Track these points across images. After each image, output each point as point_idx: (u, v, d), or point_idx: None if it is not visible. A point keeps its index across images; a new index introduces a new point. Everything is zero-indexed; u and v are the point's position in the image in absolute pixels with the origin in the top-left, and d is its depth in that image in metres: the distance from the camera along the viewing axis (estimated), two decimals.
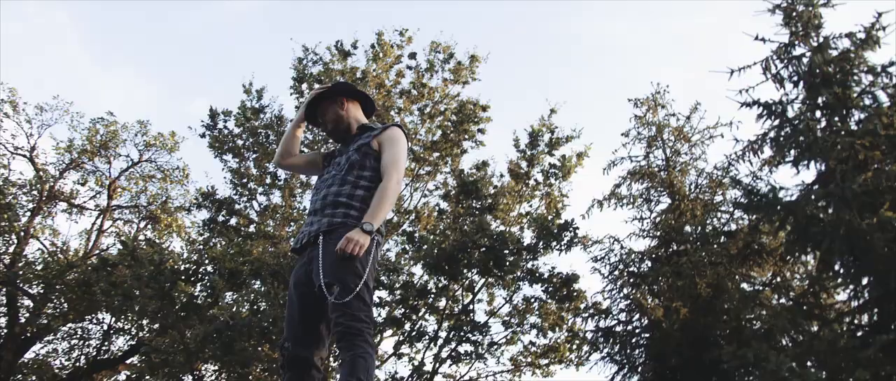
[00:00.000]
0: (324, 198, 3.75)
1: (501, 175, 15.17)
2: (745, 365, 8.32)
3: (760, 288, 10.94)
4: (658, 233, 12.58)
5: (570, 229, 12.83)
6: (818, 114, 11.13)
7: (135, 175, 18.00)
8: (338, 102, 4.04)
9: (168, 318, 9.67)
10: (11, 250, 15.95)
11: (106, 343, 16.06)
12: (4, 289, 15.67)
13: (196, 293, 9.85)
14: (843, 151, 9.86)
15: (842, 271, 9.52)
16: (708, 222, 12.23)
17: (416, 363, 12.95)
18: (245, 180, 14.79)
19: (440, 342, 13.44)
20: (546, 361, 13.89)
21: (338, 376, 3.39)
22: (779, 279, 10.75)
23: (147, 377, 10.86)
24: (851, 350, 8.25)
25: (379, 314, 12.78)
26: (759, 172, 11.31)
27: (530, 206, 15.02)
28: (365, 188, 3.70)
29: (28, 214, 16.69)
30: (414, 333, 12.69)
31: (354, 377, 3.26)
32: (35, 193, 17.01)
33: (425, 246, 12.31)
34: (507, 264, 11.85)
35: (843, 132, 10.16)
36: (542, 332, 13.24)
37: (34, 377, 16.44)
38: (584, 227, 21.26)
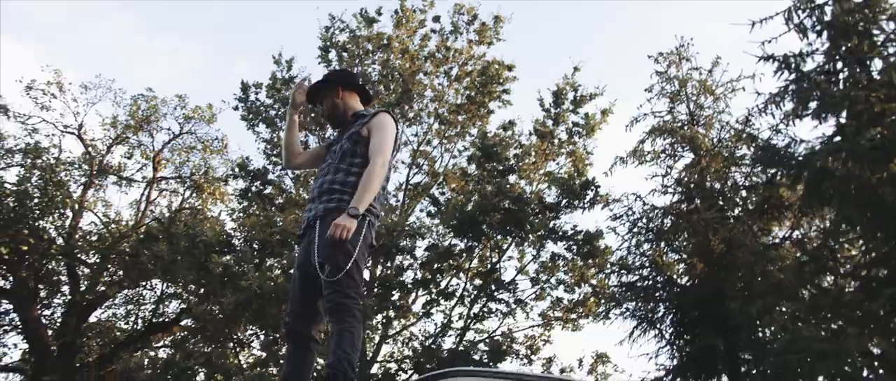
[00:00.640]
0: (320, 186, 4.12)
1: (529, 134, 15.41)
2: (750, 322, 8.53)
3: (778, 242, 11.01)
4: (680, 189, 12.66)
5: (592, 187, 13.01)
6: (840, 65, 10.99)
7: (177, 147, 18.80)
8: (334, 91, 4.31)
9: (205, 287, 10.38)
10: (68, 223, 16.95)
11: (159, 307, 17.08)
12: (64, 260, 16.73)
13: (230, 263, 10.50)
14: (858, 103, 9.77)
15: (856, 225, 9.55)
16: (729, 176, 12.26)
17: (445, 321, 13.52)
18: (278, 151, 15.34)
19: (469, 300, 13.95)
20: (574, 315, 14.25)
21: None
22: (796, 234, 10.80)
23: (191, 340, 11.69)
24: (856, 304, 8.37)
25: (408, 275, 13.33)
26: (779, 125, 11.26)
27: (557, 164, 15.24)
28: (356, 175, 4.00)
29: (81, 188, 17.66)
30: (442, 293, 13.19)
31: (340, 348, 3.66)
32: (86, 167, 17.95)
33: (449, 209, 12.71)
34: (528, 224, 12.15)
35: (861, 84, 10.04)
36: (569, 288, 13.57)
37: (98, 340, 17.65)
38: (608, 185, 21.42)
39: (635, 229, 12.27)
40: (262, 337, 11.78)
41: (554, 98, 14.92)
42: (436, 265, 12.76)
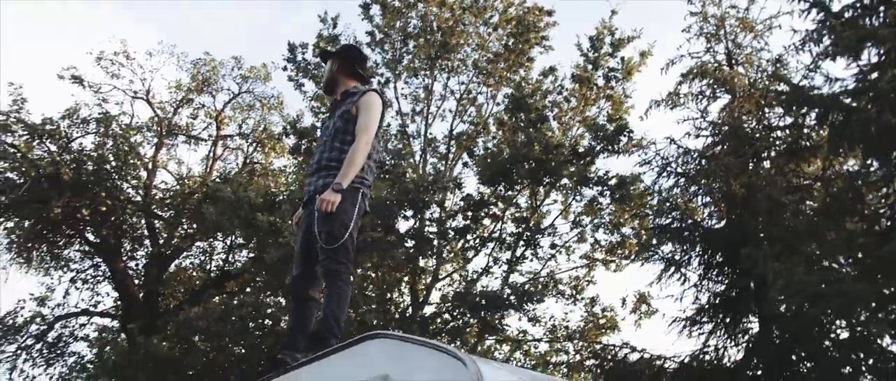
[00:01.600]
0: (318, 162, 4.73)
1: (568, 77, 15.52)
2: (764, 272, 8.73)
3: (807, 183, 10.98)
4: (714, 132, 12.62)
5: (626, 132, 13.15)
6: None
7: (237, 106, 19.87)
8: (336, 60, 4.85)
9: (255, 242, 11.34)
10: (143, 181, 18.35)
11: (230, 257, 18.45)
12: (143, 216, 18.23)
13: (274, 220, 11.42)
14: (887, 41, 9.52)
15: (881, 168, 9.45)
16: (764, 118, 12.14)
17: (488, 264, 14.18)
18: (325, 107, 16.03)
19: (508, 247, 14.51)
20: (614, 257, 14.62)
21: None
22: (825, 175, 10.74)
23: (247, 290, 12.86)
24: (870, 247, 8.42)
25: (449, 224, 13.93)
26: (814, 64, 11.06)
27: (597, 108, 15.36)
28: (348, 151, 4.65)
29: (153, 148, 19.03)
30: (484, 239, 13.79)
31: (329, 308, 4.32)
32: (155, 129, 19.26)
33: (483, 159, 13.19)
34: (561, 171, 12.48)
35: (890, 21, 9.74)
36: (608, 230, 13.92)
37: (181, 288, 19.26)
38: (643, 129, 21.27)
39: (665, 173, 12.36)
40: None
41: (591, 43, 14.94)
42: (471, 213, 13.31)
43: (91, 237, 17.88)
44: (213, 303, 14.97)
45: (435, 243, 13.88)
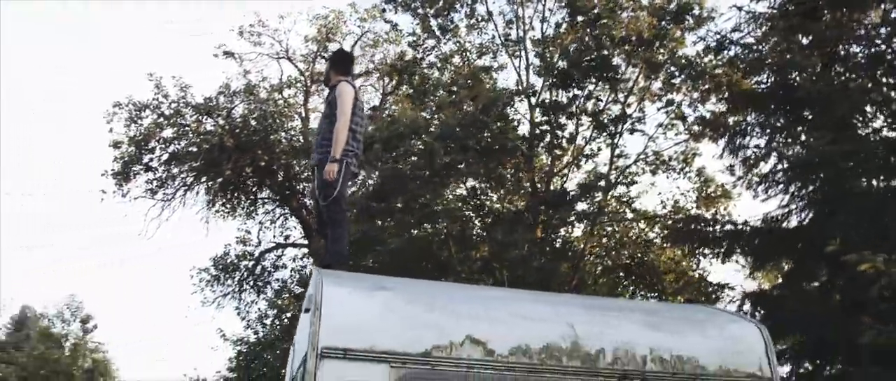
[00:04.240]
0: (317, 141, 6.54)
1: None
2: None
3: None
4: None
5: (690, 8, 12.98)
6: None
7: (363, 44, 21.82)
8: (329, 62, 6.84)
9: None
10: (300, 130, 21.14)
11: None
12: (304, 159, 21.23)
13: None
14: None
15: None
16: None
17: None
18: (424, 37, 17.20)
19: (610, 134, 15.10)
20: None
21: None
22: None
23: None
24: None
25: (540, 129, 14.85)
26: None
27: None
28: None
29: (302, 99, 21.78)
30: (564, 139, 14.61)
31: (332, 244, 6.06)
32: (301, 81, 21.97)
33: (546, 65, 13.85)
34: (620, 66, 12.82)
35: None
36: (693, 104, 14.03)
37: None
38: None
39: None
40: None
41: None
42: (551, 117, 14.11)
43: (269, 186, 21.30)
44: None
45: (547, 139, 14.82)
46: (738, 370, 4.84)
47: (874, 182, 9.09)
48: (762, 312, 10.18)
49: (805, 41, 11.56)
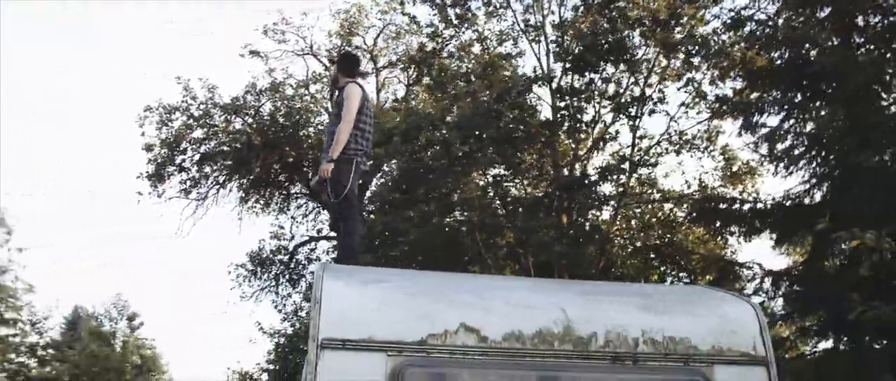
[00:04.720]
0: (325, 141, 6.81)
1: None
2: None
3: None
4: None
5: None
6: None
7: (385, 36, 22.02)
8: (336, 65, 7.06)
9: None
10: (325, 123, 21.49)
11: None
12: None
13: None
14: None
15: None
16: None
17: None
18: (441, 28, 17.31)
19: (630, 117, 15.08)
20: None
21: None
22: None
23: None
24: None
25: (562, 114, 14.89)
26: None
27: None
28: None
29: (328, 93, 22.01)
30: (584, 123, 14.63)
31: (343, 241, 6.55)
32: (327, 74, 22.20)
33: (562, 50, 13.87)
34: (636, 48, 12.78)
35: None
36: (713, 82, 13.93)
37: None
38: None
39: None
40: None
41: None
42: (570, 101, 14.12)
43: (298, 180, 21.71)
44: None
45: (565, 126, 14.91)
46: (732, 349, 4.89)
47: (886, 157, 8.98)
48: (781, 291, 10.16)
49: (822, 15, 11.44)
